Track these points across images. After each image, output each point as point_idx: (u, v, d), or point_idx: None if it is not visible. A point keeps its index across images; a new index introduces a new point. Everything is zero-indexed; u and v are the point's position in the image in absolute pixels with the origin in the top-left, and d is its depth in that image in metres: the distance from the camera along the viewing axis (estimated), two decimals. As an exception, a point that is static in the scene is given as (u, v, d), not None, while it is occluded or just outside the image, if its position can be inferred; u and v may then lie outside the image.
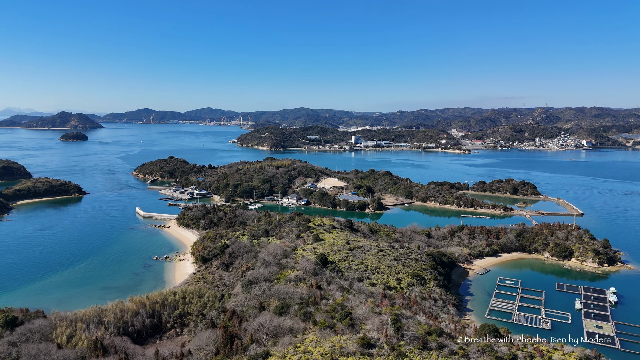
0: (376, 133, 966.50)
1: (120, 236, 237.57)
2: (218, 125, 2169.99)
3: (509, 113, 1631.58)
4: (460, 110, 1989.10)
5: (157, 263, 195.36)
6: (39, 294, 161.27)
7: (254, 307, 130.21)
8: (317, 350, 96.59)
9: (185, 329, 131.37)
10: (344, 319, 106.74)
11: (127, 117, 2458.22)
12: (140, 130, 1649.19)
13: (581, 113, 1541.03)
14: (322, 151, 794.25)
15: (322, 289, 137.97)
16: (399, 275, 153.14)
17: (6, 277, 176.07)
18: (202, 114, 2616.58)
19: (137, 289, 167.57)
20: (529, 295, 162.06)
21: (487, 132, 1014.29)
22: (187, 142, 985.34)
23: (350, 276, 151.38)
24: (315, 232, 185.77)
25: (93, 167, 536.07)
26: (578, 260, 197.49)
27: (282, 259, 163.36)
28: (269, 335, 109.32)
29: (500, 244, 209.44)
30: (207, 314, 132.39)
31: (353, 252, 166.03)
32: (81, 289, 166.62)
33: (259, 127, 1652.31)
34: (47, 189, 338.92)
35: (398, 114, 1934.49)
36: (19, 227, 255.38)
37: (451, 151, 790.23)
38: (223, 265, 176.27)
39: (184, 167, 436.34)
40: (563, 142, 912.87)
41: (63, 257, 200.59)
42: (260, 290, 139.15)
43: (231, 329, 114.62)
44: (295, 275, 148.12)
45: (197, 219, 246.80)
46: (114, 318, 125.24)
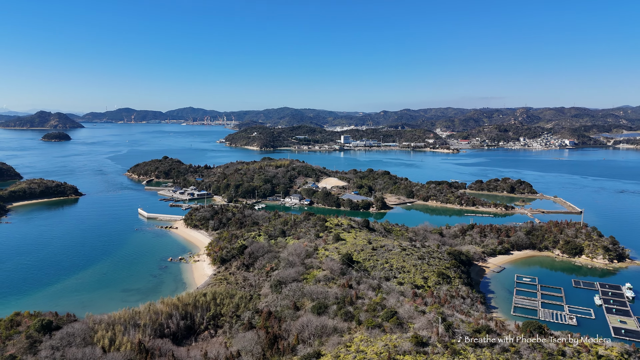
0: (364, 133, 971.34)
1: (128, 238, 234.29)
2: (201, 125, 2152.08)
3: (491, 113, 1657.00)
4: (442, 110, 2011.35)
5: (172, 264, 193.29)
6: (59, 297, 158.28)
7: (289, 308, 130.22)
8: (371, 350, 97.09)
9: (219, 330, 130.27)
10: (391, 318, 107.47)
11: (107, 117, 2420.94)
12: (122, 130, 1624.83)
13: (561, 113, 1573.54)
14: (312, 151, 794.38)
15: (353, 288, 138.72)
16: (425, 274, 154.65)
17: (21, 280, 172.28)
18: (184, 113, 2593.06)
19: (158, 290, 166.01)
20: (548, 292, 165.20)
21: (473, 132, 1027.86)
22: (173, 142, 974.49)
23: (377, 275, 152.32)
24: (335, 232, 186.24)
25: (83, 167, 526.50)
26: (588, 257, 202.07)
27: (306, 259, 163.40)
28: (314, 335, 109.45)
29: (511, 242, 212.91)
30: (242, 315, 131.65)
31: (376, 252, 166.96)
32: (101, 291, 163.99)
33: (243, 126, 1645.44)
34: (43, 190, 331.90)
35: (382, 114, 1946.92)
36: (21, 229, 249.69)
37: (440, 151, 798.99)
38: (243, 265, 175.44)
39: (180, 168, 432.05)
40: (547, 141, 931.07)
41: (75, 260, 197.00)
42: (290, 290, 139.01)
43: (272, 330, 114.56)
44: (323, 275, 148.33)
45: (206, 219, 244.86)
46: (149, 320, 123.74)
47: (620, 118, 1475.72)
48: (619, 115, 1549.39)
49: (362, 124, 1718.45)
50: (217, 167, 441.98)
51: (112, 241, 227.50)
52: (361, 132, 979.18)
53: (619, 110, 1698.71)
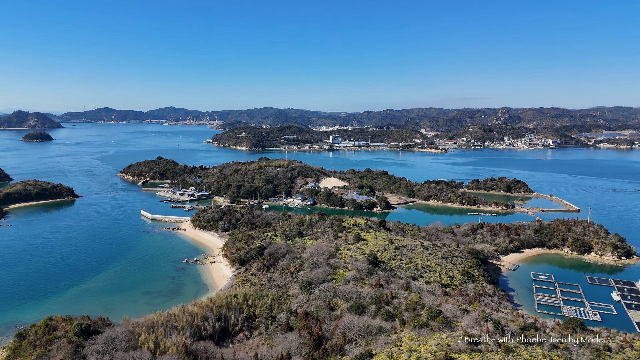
0: (352, 133, 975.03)
1: (137, 240, 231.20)
2: (184, 124, 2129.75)
3: (473, 113, 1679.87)
4: (425, 111, 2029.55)
5: (188, 266, 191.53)
6: (80, 301, 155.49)
7: (323, 308, 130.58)
8: (424, 349, 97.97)
9: (255, 331, 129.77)
10: (437, 317, 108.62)
11: (86, 117, 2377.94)
12: (103, 130, 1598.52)
13: (541, 113, 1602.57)
14: (302, 151, 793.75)
15: (384, 288, 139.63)
16: (450, 273, 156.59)
17: (38, 284, 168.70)
18: (166, 113, 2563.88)
19: (180, 293, 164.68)
20: (567, 289, 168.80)
21: (458, 132, 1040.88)
22: (159, 143, 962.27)
23: (404, 275, 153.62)
24: (354, 232, 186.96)
25: (72, 168, 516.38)
26: (597, 254, 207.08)
27: (330, 259, 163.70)
28: (360, 335, 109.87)
29: (521, 240, 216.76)
30: (277, 316, 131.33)
31: (399, 251, 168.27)
32: (122, 294, 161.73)
33: (227, 126, 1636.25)
34: (39, 192, 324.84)
35: (365, 114, 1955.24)
36: (24, 232, 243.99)
37: (428, 150, 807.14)
38: (264, 266, 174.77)
39: (175, 169, 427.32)
40: (531, 141, 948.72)
41: (88, 262, 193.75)
42: (322, 291, 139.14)
43: (316, 331, 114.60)
44: (352, 275, 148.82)
45: (214, 220, 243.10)
46: (187, 323, 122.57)
47: (598, 118, 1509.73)
48: (596, 115, 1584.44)
49: (347, 124, 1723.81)
50: (213, 167, 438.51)
51: (121, 243, 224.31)
52: (349, 132, 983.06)
53: (596, 110, 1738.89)
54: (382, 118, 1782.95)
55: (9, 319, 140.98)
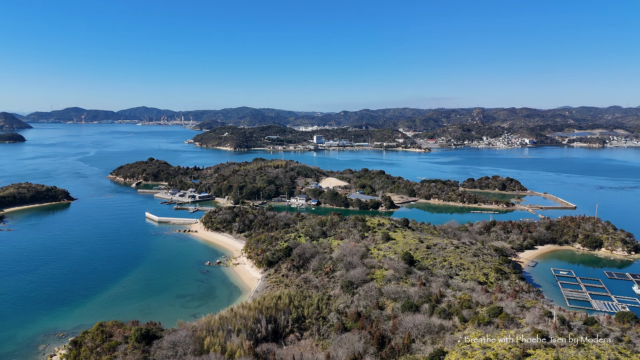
0: (334, 133, 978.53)
1: (150, 243, 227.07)
2: (158, 125, 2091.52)
3: (448, 113, 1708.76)
4: (400, 110, 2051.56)
5: (213, 268, 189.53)
6: (113, 305, 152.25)
7: (372, 308, 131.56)
8: (497, 345, 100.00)
9: (305, 332, 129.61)
10: (500, 314, 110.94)
11: (54, 117, 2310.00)
12: (74, 130, 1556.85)
13: (513, 113, 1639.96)
14: (287, 151, 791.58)
15: (427, 287, 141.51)
16: (484, 270, 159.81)
17: (63, 290, 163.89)
18: (138, 113, 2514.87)
19: (214, 295, 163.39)
20: (590, 284, 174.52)
21: (438, 132, 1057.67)
22: (139, 143, 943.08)
23: (440, 273, 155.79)
24: (380, 232, 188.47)
25: (57, 170, 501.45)
26: (608, 249, 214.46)
27: (364, 259, 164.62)
28: (424, 334, 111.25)
29: (534, 237, 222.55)
30: (327, 316, 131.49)
31: (431, 250, 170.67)
32: (154, 298, 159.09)
33: (204, 126, 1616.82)
34: (33, 195, 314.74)
35: (342, 114, 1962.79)
36: (30, 237, 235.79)
37: (412, 150, 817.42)
38: (294, 267, 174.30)
39: (169, 170, 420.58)
40: (508, 140, 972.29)
41: (107, 267, 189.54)
42: (367, 290, 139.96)
43: (377, 331, 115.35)
44: (391, 275, 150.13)
45: (227, 222, 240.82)
46: (242, 325, 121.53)
47: (568, 118, 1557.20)
48: (565, 115, 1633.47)
49: (324, 123, 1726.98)
50: (207, 168, 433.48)
51: (135, 246, 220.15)
52: (332, 132, 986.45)
53: (565, 110, 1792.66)
54: (359, 118, 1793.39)
55: (45, 326, 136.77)
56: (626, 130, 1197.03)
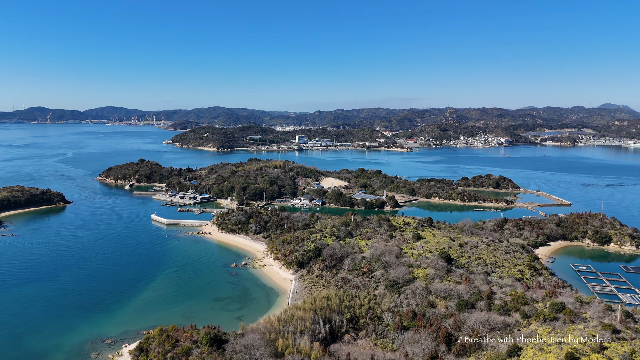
0: (316, 133, 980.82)
1: (166, 246, 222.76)
2: (128, 125, 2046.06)
3: (422, 113, 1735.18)
4: (374, 110, 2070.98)
5: (240, 270, 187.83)
6: (152, 310, 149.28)
7: (425, 306, 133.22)
8: (570, 340, 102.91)
9: (360, 332, 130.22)
10: (563, 310, 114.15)
11: (17, 117, 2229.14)
12: (40, 130, 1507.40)
13: (485, 113, 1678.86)
14: (270, 151, 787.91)
15: (473, 284, 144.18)
16: (518, 267, 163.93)
17: (92, 296, 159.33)
18: (106, 112, 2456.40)
19: (252, 297, 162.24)
20: (611, 278, 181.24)
21: (416, 131, 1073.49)
22: (116, 144, 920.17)
23: (478, 271, 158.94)
24: (408, 231, 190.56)
25: (39, 172, 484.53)
26: (617, 244, 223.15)
27: (400, 258, 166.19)
28: (490, 331, 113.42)
29: (545, 233, 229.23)
30: (381, 316, 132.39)
31: (464, 248, 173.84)
32: (192, 302, 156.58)
33: (178, 126, 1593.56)
34: (28, 199, 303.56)
35: (317, 114, 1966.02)
36: (36, 242, 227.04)
37: (394, 149, 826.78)
38: (327, 268, 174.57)
39: (162, 171, 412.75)
40: (485, 139, 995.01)
41: (131, 271, 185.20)
42: (414, 289, 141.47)
43: (444, 329, 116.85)
44: (433, 273, 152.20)
45: (242, 223, 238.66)
46: (303, 327, 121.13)
47: (536, 117, 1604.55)
48: (534, 115, 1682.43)
49: (300, 123, 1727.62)
50: (201, 169, 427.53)
51: (152, 250, 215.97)
52: (313, 132, 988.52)
53: (532, 110, 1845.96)
54: (334, 118, 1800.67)
55: (88, 333, 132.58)
56: (593, 129, 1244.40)
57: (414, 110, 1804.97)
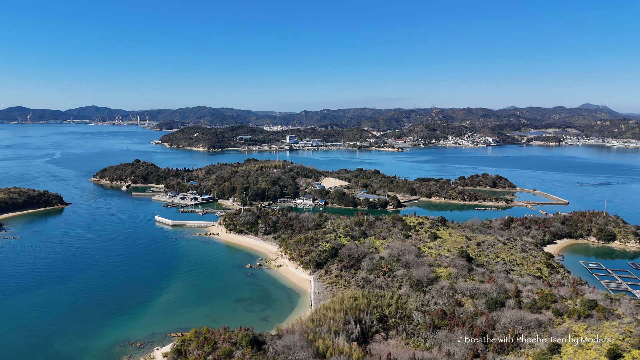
0: (306, 133, 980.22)
1: (176, 247, 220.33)
2: (112, 125, 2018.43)
3: (408, 113, 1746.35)
4: (360, 110, 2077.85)
5: (256, 271, 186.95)
6: (175, 312, 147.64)
7: (453, 305, 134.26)
8: (609, 336, 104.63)
9: (390, 332, 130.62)
10: (596, 307, 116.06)
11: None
12: (20, 131, 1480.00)
13: (470, 113, 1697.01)
14: (262, 151, 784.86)
15: (497, 282, 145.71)
16: (536, 265, 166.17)
17: (111, 299, 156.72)
18: (87, 112, 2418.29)
19: (273, 298, 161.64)
20: (623, 275, 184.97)
21: (405, 131, 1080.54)
22: (104, 144, 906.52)
23: (498, 269, 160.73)
24: (423, 231, 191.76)
25: (30, 173, 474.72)
26: (621, 242, 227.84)
27: (419, 258, 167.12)
28: (525, 329, 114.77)
29: (551, 232, 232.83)
30: (411, 315, 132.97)
31: (481, 247, 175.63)
32: (214, 304, 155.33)
33: (163, 126, 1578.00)
34: (26, 200, 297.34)
35: (303, 114, 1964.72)
36: (41, 244, 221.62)
37: (385, 149, 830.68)
38: (344, 267, 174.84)
39: (158, 172, 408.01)
40: (473, 139, 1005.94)
41: (145, 273, 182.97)
42: (439, 289, 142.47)
43: (478, 328, 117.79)
44: (456, 272, 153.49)
45: (250, 224, 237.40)
46: (336, 327, 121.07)
47: (520, 117, 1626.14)
48: (517, 115, 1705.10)
49: (287, 123, 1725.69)
50: (198, 169, 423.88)
51: (162, 251, 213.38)
52: (303, 132, 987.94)
53: (515, 110, 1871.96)
54: (321, 118, 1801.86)
55: (114, 336, 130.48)
56: (576, 129, 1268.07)
57: (400, 110, 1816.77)
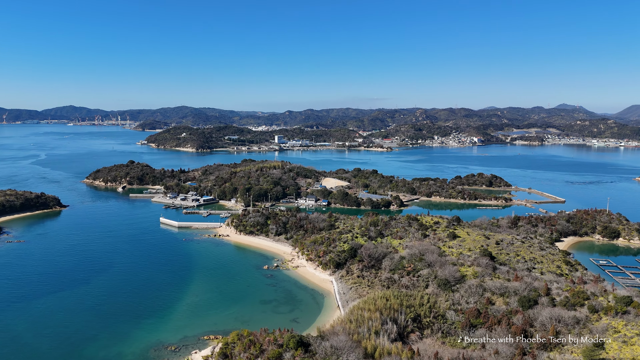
0: (294, 133, 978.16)
1: (188, 249, 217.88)
2: (91, 125, 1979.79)
3: (392, 113, 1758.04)
4: (343, 110, 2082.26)
5: (275, 272, 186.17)
6: (204, 315, 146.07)
7: (485, 304, 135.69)
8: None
9: (425, 331, 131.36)
10: (631, 303, 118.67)
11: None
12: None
13: (453, 113, 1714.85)
14: (251, 151, 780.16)
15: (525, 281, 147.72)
16: (555, 263, 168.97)
17: (133, 302, 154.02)
18: (65, 112, 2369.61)
19: (298, 299, 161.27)
20: (634, 271, 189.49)
21: (391, 131, 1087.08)
22: (86, 145, 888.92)
23: (520, 267, 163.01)
24: (440, 230, 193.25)
25: (18, 175, 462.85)
26: (625, 239, 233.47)
27: (441, 257, 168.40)
28: (564, 326, 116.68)
29: (558, 230, 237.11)
30: (445, 314, 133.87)
31: (500, 246, 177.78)
32: (239, 305, 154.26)
33: (146, 126, 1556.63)
34: (23, 203, 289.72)
35: (287, 114, 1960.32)
36: (47, 248, 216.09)
37: (374, 149, 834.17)
38: (366, 267, 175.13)
39: (154, 173, 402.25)
40: (459, 139, 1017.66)
41: (162, 276, 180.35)
42: (468, 288, 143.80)
43: (519, 325, 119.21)
44: (481, 271, 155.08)
45: (260, 225, 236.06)
46: (374, 327, 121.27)
47: (502, 117, 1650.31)
48: (499, 115, 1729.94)
49: (271, 123, 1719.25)
50: (194, 170, 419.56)
51: (176, 253, 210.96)
52: (290, 132, 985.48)
53: (496, 110, 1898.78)
54: (305, 118, 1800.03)
55: (147, 340, 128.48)
56: (557, 129, 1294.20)
57: (384, 110, 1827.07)
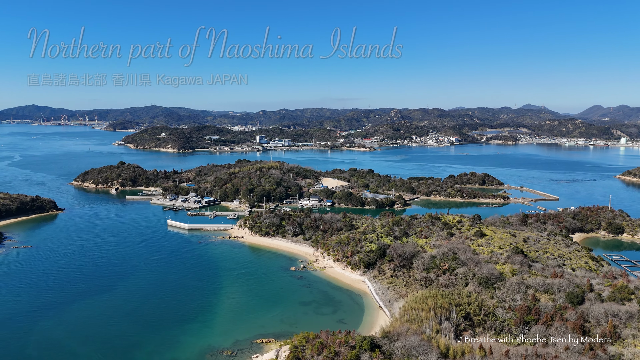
0: (274, 133, 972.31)
1: (206, 252, 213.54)
2: (58, 125, 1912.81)
3: (367, 113, 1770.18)
4: (318, 110, 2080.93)
5: (303, 273, 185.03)
6: (248, 318, 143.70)
7: (531, 301, 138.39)
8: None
9: (477, 329, 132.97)
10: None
11: None
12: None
13: (426, 113, 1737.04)
14: (234, 151, 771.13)
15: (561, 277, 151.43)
16: (583, 259, 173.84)
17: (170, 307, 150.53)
18: (28, 111, 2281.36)
19: (336, 300, 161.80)
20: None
21: (370, 131, 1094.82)
22: (59, 145, 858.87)
23: (551, 264, 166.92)
24: (465, 229, 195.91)
25: None
26: (629, 234, 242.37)
27: (474, 255, 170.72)
28: (619, 321, 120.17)
29: (566, 227, 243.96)
30: (495, 312, 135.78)
31: (528, 243, 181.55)
32: (280, 308, 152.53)
33: (117, 127, 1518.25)
34: (19, 207, 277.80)
35: (261, 114, 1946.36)
36: (58, 252, 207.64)
37: (357, 149, 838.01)
38: (398, 267, 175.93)
39: (147, 174, 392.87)
40: (437, 139, 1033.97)
41: (190, 279, 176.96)
42: (509, 285, 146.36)
43: (576, 322, 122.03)
44: (518, 268, 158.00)
45: (276, 226, 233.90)
46: (435, 326, 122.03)
47: (474, 117, 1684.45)
48: (470, 115, 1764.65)
49: (245, 123, 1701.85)
50: (187, 171, 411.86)
51: (198, 256, 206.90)
52: (271, 132, 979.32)
53: (468, 110, 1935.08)
54: (280, 118, 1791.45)
55: (198, 346, 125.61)
56: (528, 128, 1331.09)
57: (359, 110, 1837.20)
